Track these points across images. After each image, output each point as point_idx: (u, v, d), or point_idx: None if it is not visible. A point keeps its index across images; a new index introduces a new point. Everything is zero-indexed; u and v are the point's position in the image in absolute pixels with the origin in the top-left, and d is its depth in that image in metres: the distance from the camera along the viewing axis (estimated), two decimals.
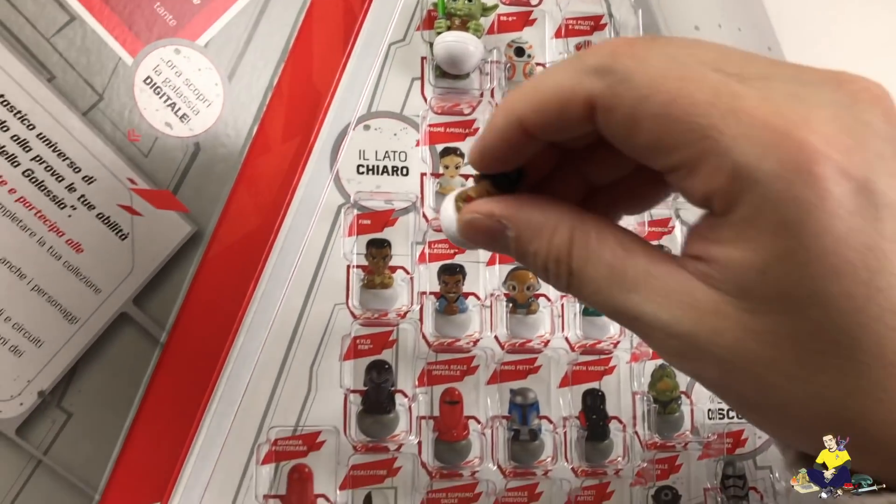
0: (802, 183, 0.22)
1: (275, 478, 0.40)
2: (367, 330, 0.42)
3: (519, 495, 0.42)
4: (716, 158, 0.23)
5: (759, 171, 0.22)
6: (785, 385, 0.24)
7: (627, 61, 0.24)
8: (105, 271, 0.39)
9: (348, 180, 0.43)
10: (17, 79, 0.38)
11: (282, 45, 0.42)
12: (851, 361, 0.23)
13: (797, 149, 0.22)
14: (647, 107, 0.23)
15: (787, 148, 0.22)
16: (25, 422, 0.38)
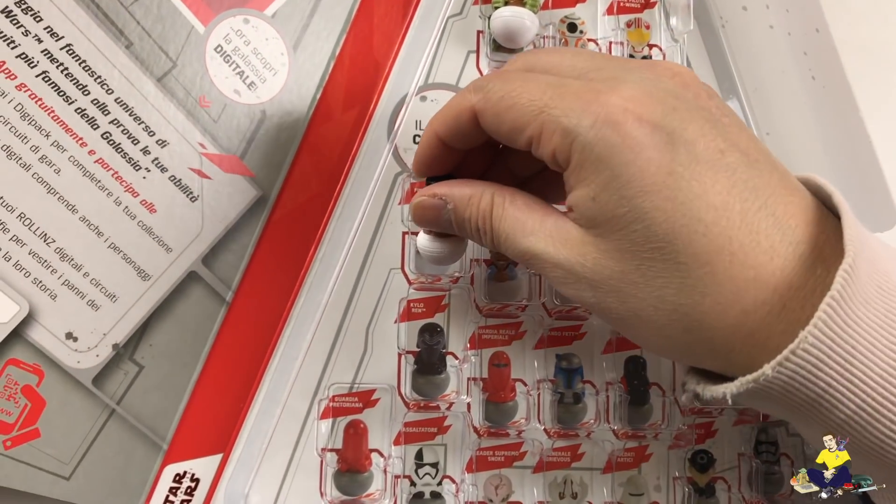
0: (609, 129, 0.30)
1: (332, 432, 0.42)
2: (420, 294, 0.44)
3: (562, 455, 0.44)
4: (551, 126, 0.31)
5: (580, 126, 0.31)
6: (635, 292, 0.32)
7: (494, 79, 0.34)
8: (176, 231, 0.41)
9: (405, 150, 0.44)
10: (98, 45, 0.40)
11: (344, 17, 0.44)
12: (675, 263, 0.30)
13: (602, 107, 0.30)
14: (502, 104, 0.33)
15: (597, 108, 0.30)
16: (101, 373, 0.40)
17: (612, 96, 0.31)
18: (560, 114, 0.31)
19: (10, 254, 0.39)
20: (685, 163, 0.30)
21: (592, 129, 0.31)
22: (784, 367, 0.29)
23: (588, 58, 0.35)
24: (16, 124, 0.39)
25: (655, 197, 0.30)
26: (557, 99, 0.32)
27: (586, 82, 0.32)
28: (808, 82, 0.46)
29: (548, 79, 0.33)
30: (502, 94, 0.33)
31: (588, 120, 0.31)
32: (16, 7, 0.39)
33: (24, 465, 0.39)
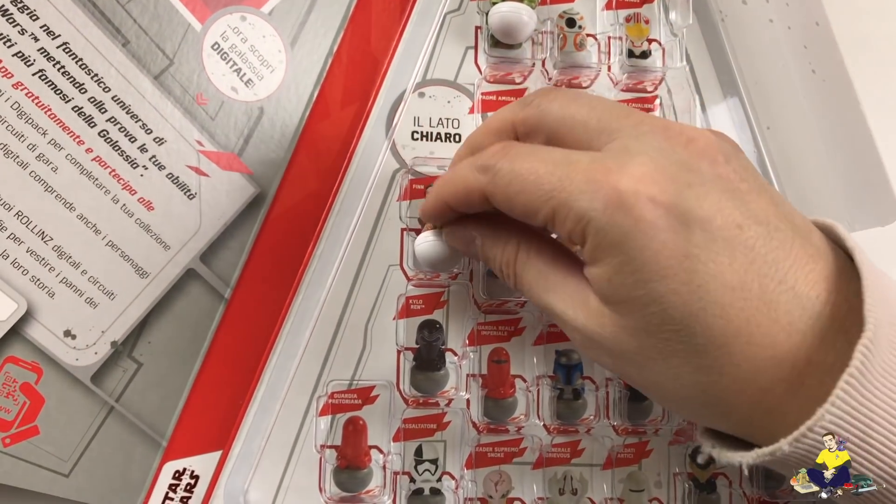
0: (621, 214, 0.29)
1: (331, 429, 0.42)
2: (419, 291, 0.44)
3: (562, 451, 0.44)
4: (563, 211, 0.31)
5: (592, 210, 0.30)
6: (653, 367, 0.32)
7: (500, 159, 0.33)
8: (174, 229, 0.41)
9: (403, 146, 0.44)
10: (95, 43, 0.40)
11: (342, 13, 0.44)
12: (692, 345, 0.30)
13: (612, 189, 0.30)
14: (512, 189, 0.33)
15: (608, 190, 0.30)
16: (99, 370, 0.40)
17: (622, 176, 0.30)
18: (570, 197, 0.31)
19: (8, 252, 0.39)
20: (701, 244, 0.29)
21: (605, 213, 0.30)
22: (801, 442, 0.29)
23: (596, 113, 0.33)
24: (13, 123, 0.39)
25: (671, 281, 0.30)
26: (567, 181, 0.31)
27: (595, 158, 0.31)
28: (808, 76, 0.46)
29: (555, 155, 0.32)
30: (510, 179, 0.33)
31: (599, 203, 0.30)
32: (12, 5, 0.39)
33: (24, 462, 0.39)
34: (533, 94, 0.36)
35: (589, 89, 0.46)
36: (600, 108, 0.33)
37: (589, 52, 0.46)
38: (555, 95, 0.35)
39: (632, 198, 0.29)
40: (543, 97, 0.35)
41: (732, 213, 0.30)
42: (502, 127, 0.36)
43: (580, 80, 0.46)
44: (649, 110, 0.47)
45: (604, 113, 0.33)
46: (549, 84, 0.46)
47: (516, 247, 0.36)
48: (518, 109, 0.35)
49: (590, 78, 0.46)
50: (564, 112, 0.34)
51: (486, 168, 0.34)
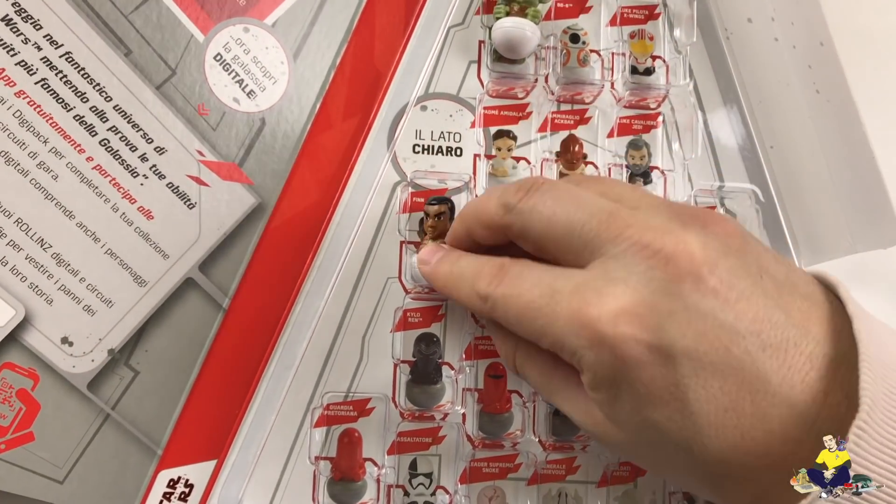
0: (606, 352, 0.30)
1: (326, 441, 0.42)
2: (417, 304, 0.44)
3: (557, 467, 0.44)
4: (558, 345, 0.32)
5: (579, 348, 0.31)
6: (659, 469, 0.36)
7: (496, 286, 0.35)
8: (173, 238, 0.41)
9: (404, 159, 0.44)
10: (97, 53, 0.40)
11: (345, 26, 0.44)
12: (690, 464, 0.31)
13: (592, 330, 0.30)
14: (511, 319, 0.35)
15: (587, 331, 0.31)
16: (96, 377, 0.40)
17: (602, 312, 0.30)
18: (561, 334, 0.32)
19: (7, 258, 0.39)
20: (689, 373, 0.30)
21: (591, 351, 0.31)
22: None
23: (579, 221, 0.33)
24: (14, 131, 0.39)
25: (665, 409, 0.30)
26: (553, 316, 0.32)
27: (577, 288, 0.32)
28: (812, 96, 0.45)
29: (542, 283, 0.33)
30: (506, 309, 0.34)
31: (585, 342, 0.31)
32: (16, 15, 0.39)
33: (18, 468, 0.39)
34: (514, 192, 0.36)
35: (592, 105, 0.46)
36: (584, 215, 0.33)
37: (592, 68, 0.46)
38: (537, 198, 0.35)
39: (613, 338, 0.30)
40: (525, 199, 0.35)
41: (719, 335, 0.30)
42: (490, 223, 0.37)
43: (583, 95, 0.46)
44: (652, 127, 0.47)
45: (586, 222, 0.33)
46: (551, 101, 0.46)
47: (514, 345, 0.38)
48: (500, 212, 0.36)
49: (592, 94, 0.46)
50: (546, 222, 0.34)
51: (484, 298, 0.35)
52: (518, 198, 0.35)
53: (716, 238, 0.32)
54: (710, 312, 0.30)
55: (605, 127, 0.46)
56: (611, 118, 0.46)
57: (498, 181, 0.45)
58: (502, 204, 0.36)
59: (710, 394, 0.30)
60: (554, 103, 0.46)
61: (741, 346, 0.30)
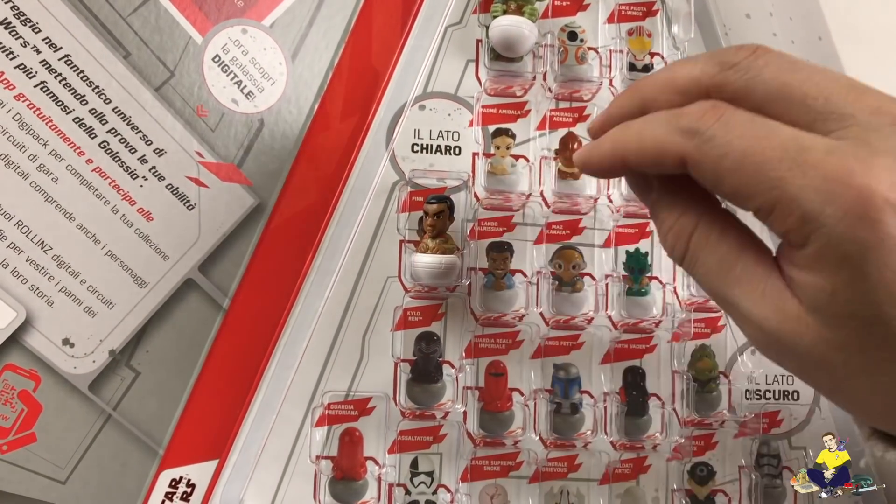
0: (863, 226, 0.25)
1: (327, 440, 0.43)
2: (417, 302, 0.44)
3: (559, 465, 0.44)
4: (786, 205, 0.26)
5: (824, 215, 0.26)
6: (854, 381, 0.28)
7: (712, 123, 0.28)
8: (173, 239, 0.41)
9: (403, 158, 0.45)
10: (96, 55, 0.40)
11: (343, 26, 0.44)
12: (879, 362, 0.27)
13: (856, 196, 0.25)
14: (726, 163, 0.27)
15: (848, 196, 0.25)
16: (97, 378, 0.41)
17: (870, 180, 0.25)
18: (801, 194, 0.26)
19: (8, 261, 0.39)
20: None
21: (843, 221, 0.26)
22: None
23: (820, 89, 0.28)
24: (14, 133, 0.39)
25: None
26: (798, 173, 0.26)
27: (833, 150, 0.26)
28: None
29: (782, 135, 0.27)
30: (725, 152, 0.28)
31: (838, 209, 0.26)
32: (15, 19, 0.39)
33: (21, 468, 0.40)
34: (735, 52, 0.30)
35: (590, 103, 0.46)
36: (825, 82, 0.28)
37: (590, 65, 0.46)
38: (766, 59, 0.29)
39: (880, 210, 0.25)
40: (752, 58, 0.29)
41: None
42: (688, 87, 0.31)
43: (581, 93, 0.46)
44: None
45: (831, 90, 0.28)
46: (548, 98, 0.46)
47: (695, 221, 0.31)
48: (714, 70, 0.30)
49: (591, 91, 0.46)
50: (779, 82, 0.28)
51: (693, 132, 0.29)
52: (742, 55, 0.29)
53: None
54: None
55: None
56: None
57: (497, 179, 0.45)
58: (719, 62, 0.30)
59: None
60: (552, 101, 0.46)
61: None
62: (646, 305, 0.45)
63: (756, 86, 0.29)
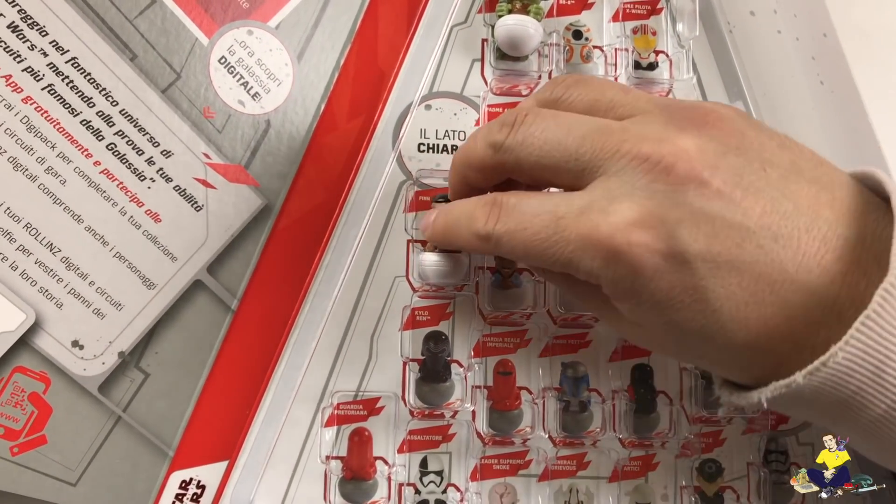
0: (622, 266, 0.31)
1: (336, 440, 0.43)
2: (425, 302, 0.44)
3: (568, 463, 0.44)
4: (572, 269, 0.33)
5: (595, 269, 0.32)
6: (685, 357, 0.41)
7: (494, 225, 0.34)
8: (181, 240, 0.42)
9: (409, 158, 0.45)
10: (103, 58, 0.41)
11: (349, 27, 0.44)
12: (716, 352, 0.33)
13: (606, 246, 0.31)
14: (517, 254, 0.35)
15: (601, 248, 0.31)
16: (107, 380, 0.41)
17: (612, 228, 0.31)
18: (573, 257, 0.32)
19: (17, 263, 0.39)
20: (706, 274, 0.30)
21: (608, 268, 0.31)
22: (814, 375, 0.30)
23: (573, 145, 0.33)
24: (22, 136, 0.40)
25: (687, 311, 0.31)
26: (562, 241, 0.32)
27: (582, 209, 0.32)
28: (816, 87, 0.45)
29: (544, 210, 0.33)
30: (512, 245, 0.34)
31: (599, 261, 0.31)
32: (22, 22, 0.40)
33: (31, 471, 0.40)
34: (499, 128, 0.36)
35: None
36: (574, 135, 0.33)
37: (596, 63, 0.46)
38: (526, 133, 0.34)
39: (627, 250, 0.31)
40: (513, 134, 0.35)
41: (729, 234, 0.30)
42: (482, 166, 0.37)
43: None
44: None
45: (580, 146, 0.33)
46: None
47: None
48: (490, 151, 0.36)
49: None
50: (539, 153, 0.34)
51: (486, 237, 0.35)
52: (504, 134, 0.35)
53: (713, 139, 0.32)
54: (718, 214, 0.30)
55: None
56: None
57: None
58: (489, 144, 0.36)
59: (730, 291, 0.30)
60: None
61: (753, 241, 0.30)
62: None
63: (523, 162, 0.35)
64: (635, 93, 0.35)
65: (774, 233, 0.30)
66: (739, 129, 0.33)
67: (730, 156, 0.32)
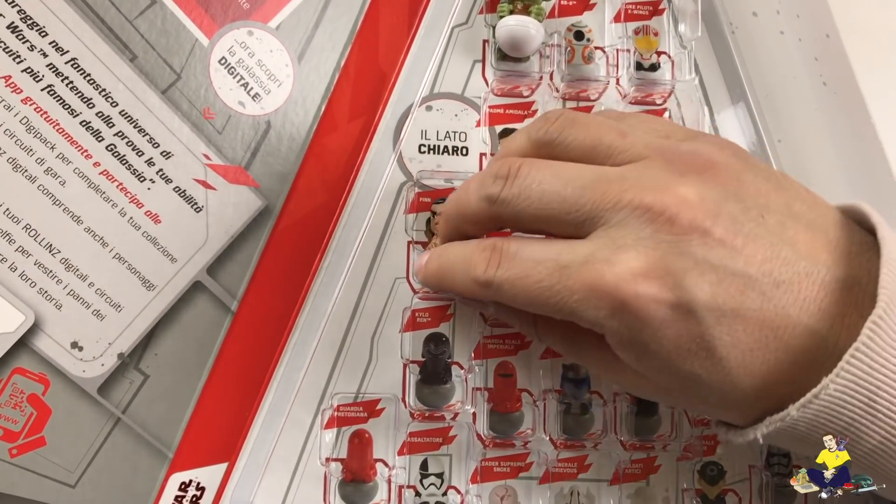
0: (629, 317, 0.31)
1: (336, 442, 0.42)
2: (425, 304, 0.44)
3: (569, 466, 0.44)
4: (576, 317, 0.33)
5: (600, 318, 0.32)
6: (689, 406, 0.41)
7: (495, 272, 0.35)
8: (181, 242, 0.41)
9: (410, 159, 0.44)
10: (102, 58, 0.40)
11: (349, 28, 0.44)
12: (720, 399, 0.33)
13: (611, 296, 0.31)
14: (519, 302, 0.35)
15: (606, 298, 0.31)
16: (106, 382, 0.41)
17: (618, 279, 0.31)
18: (577, 307, 0.32)
19: (16, 264, 0.39)
20: (712, 323, 0.31)
21: (613, 318, 0.31)
22: (807, 408, 0.31)
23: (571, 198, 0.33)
24: (21, 137, 0.39)
25: (693, 359, 0.32)
26: (566, 291, 0.32)
27: (586, 259, 0.32)
28: (819, 88, 0.45)
29: (547, 259, 0.33)
30: (514, 293, 0.34)
31: (605, 311, 0.31)
32: (21, 22, 0.39)
33: (30, 472, 0.39)
34: (493, 181, 0.35)
35: (597, 102, 0.46)
36: (573, 187, 0.33)
37: (597, 64, 0.46)
38: (522, 185, 0.34)
39: (634, 302, 0.31)
40: (508, 186, 0.35)
41: (733, 282, 0.31)
42: (477, 220, 0.37)
43: (588, 92, 0.46)
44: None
45: (580, 197, 0.33)
46: (555, 98, 0.46)
47: (532, 320, 0.39)
48: (485, 205, 0.36)
49: (598, 91, 0.46)
50: (537, 206, 0.34)
51: (486, 284, 0.35)
52: (499, 187, 0.35)
53: (713, 186, 0.32)
54: (721, 263, 0.31)
55: None
56: None
57: None
58: (484, 197, 0.35)
59: (736, 338, 0.31)
60: (559, 101, 0.46)
61: (756, 288, 0.31)
62: None
63: (521, 215, 0.34)
64: (632, 136, 0.35)
65: (776, 279, 0.31)
66: (737, 175, 0.33)
67: (730, 203, 0.32)
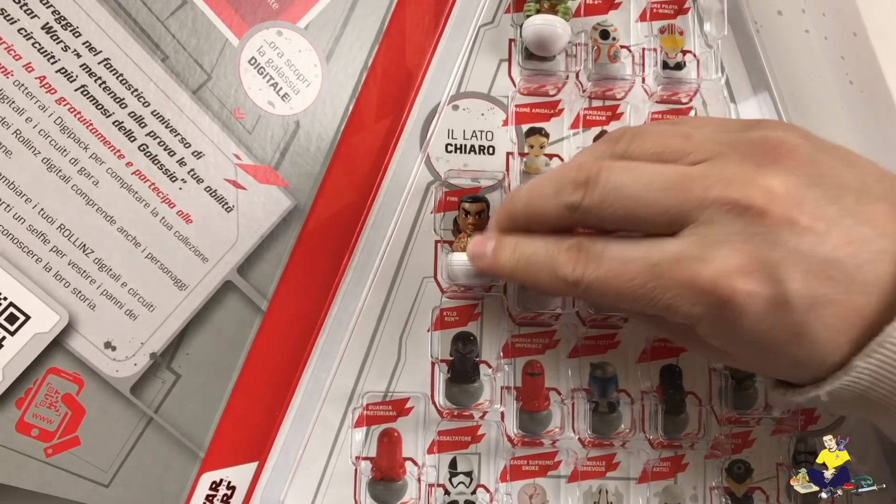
0: (727, 312, 0.32)
1: (366, 441, 0.43)
2: (453, 303, 0.44)
3: (597, 464, 0.44)
4: (670, 313, 0.33)
5: (696, 313, 0.32)
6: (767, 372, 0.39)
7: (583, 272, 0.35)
8: (212, 241, 0.42)
9: (437, 158, 0.45)
10: (135, 59, 0.41)
11: (376, 27, 0.44)
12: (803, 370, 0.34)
13: (709, 292, 0.31)
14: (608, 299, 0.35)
15: (703, 294, 0.32)
16: (139, 381, 0.41)
17: (715, 275, 0.31)
18: (673, 303, 0.33)
19: (51, 264, 0.40)
20: (804, 311, 0.31)
21: (710, 313, 0.32)
22: (871, 357, 0.31)
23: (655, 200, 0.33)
24: (56, 137, 0.40)
25: (784, 345, 0.32)
26: (659, 288, 0.33)
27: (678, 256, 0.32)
28: (845, 87, 0.45)
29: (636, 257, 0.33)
30: (602, 291, 0.34)
31: (701, 307, 0.32)
32: (56, 23, 0.40)
33: (65, 472, 0.40)
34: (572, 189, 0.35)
35: (623, 101, 0.46)
36: (656, 189, 0.33)
37: (623, 63, 0.46)
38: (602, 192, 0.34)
39: (731, 297, 0.31)
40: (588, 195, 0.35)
41: (823, 269, 0.31)
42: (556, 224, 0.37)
43: (614, 91, 0.46)
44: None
45: (664, 199, 0.33)
46: (582, 96, 0.46)
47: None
48: (567, 212, 0.35)
49: (624, 90, 0.46)
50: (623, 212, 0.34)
51: (573, 283, 0.35)
52: (580, 195, 0.35)
53: (792, 172, 0.32)
54: (810, 250, 0.31)
55: (638, 122, 0.46)
56: (643, 113, 0.46)
57: (532, 179, 0.44)
58: (565, 205, 0.35)
59: (826, 322, 0.31)
60: (585, 100, 0.46)
61: (842, 271, 0.31)
62: None
63: (605, 220, 0.35)
64: (696, 136, 0.35)
65: (859, 260, 0.31)
66: (811, 157, 0.33)
67: (811, 188, 0.32)
